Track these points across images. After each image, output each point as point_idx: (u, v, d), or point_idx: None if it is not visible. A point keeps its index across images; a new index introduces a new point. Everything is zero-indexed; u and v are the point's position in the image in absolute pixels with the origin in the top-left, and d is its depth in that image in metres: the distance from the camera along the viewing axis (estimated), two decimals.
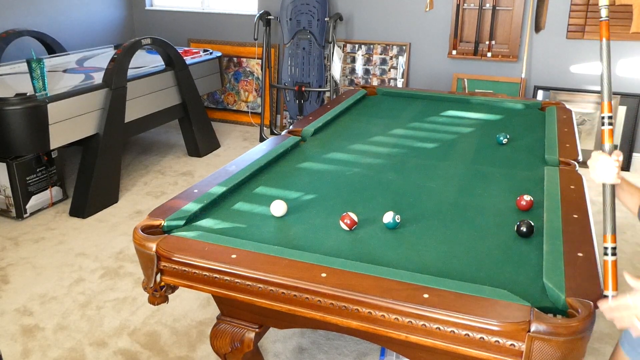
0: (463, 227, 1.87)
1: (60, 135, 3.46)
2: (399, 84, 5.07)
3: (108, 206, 3.83)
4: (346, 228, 1.82)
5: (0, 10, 4.56)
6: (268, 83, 5.36)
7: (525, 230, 1.77)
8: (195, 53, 5.02)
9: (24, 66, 3.99)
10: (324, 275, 1.50)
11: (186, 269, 1.62)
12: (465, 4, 4.72)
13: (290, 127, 2.85)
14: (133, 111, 4.02)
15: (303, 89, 5.01)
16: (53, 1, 5.04)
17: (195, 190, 2.04)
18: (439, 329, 1.36)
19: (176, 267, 1.64)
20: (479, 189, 2.20)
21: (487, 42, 4.70)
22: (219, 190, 2.05)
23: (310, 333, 2.53)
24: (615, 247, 1.42)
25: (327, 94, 5.08)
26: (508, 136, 2.74)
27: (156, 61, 4.48)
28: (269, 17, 5.06)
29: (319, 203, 2.05)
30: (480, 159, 2.54)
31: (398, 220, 1.83)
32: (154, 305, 1.76)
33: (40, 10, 4.91)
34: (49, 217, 3.68)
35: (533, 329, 1.27)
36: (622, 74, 4.46)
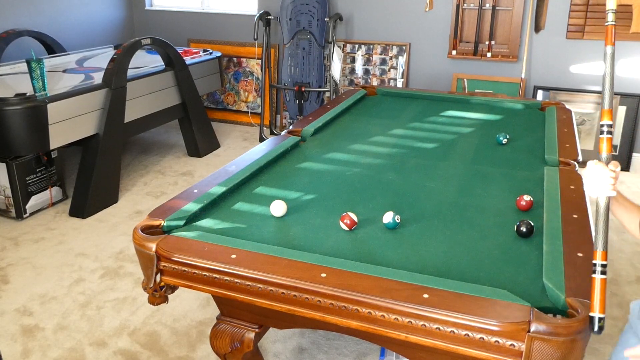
0: (463, 227, 1.87)
1: (60, 135, 3.46)
2: (399, 84, 5.07)
3: (108, 206, 3.83)
4: (346, 228, 1.82)
5: (0, 10, 4.56)
6: (268, 83, 5.36)
7: (525, 230, 1.77)
8: (195, 53, 5.02)
9: (24, 66, 3.99)
10: (323, 275, 1.50)
11: (186, 269, 1.62)
12: (465, 4, 4.72)
13: (290, 127, 2.85)
14: (133, 111, 4.02)
15: (303, 89, 5.01)
16: (53, 1, 5.04)
17: (195, 190, 2.04)
18: (439, 329, 1.36)
19: (176, 267, 1.64)
20: (479, 189, 2.20)
21: (487, 42, 4.70)
22: (219, 190, 2.05)
23: (310, 333, 2.53)
24: (605, 265, 1.32)
25: (327, 94, 5.07)
26: (508, 136, 2.74)
27: (156, 61, 4.48)
28: (268, 17, 5.06)
29: (318, 203, 2.05)
30: (480, 159, 2.54)
31: (398, 221, 1.83)
32: (154, 305, 1.77)
33: (40, 10, 4.91)
34: (49, 217, 3.68)
35: (533, 329, 1.28)
36: (622, 74, 4.46)
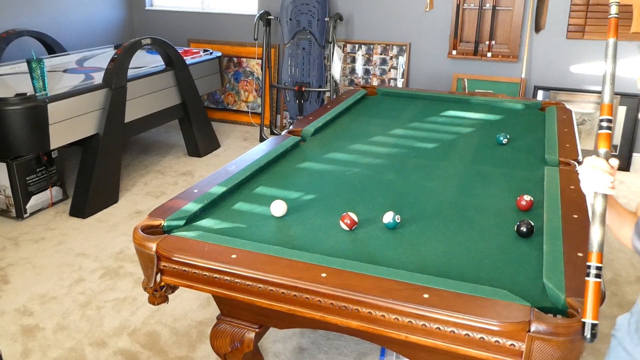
0: (463, 227, 1.87)
1: (60, 135, 3.46)
2: (399, 84, 5.07)
3: (108, 206, 3.83)
4: (346, 228, 1.82)
5: (0, 10, 4.56)
6: (268, 83, 5.36)
7: (525, 230, 1.77)
8: (195, 53, 5.02)
9: (24, 66, 3.99)
10: (324, 275, 1.50)
11: (186, 269, 1.62)
12: (465, 4, 4.72)
13: (290, 127, 2.85)
14: (133, 111, 4.02)
15: (303, 89, 5.01)
16: (53, 1, 5.04)
17: (195, 190, 2.04)
18: (439, 329, 1.36)
19: (176, 267, 1.64)
20: (479, 189, 2.20)
21: (487, 42, 4.70)
22: (219, 190, 2.05)
23: (310, 333, 2.53)
24: (600, 267, 1.22)
25: (327, 94, 5.07)
26: (508, 136, 2.74)
27: (156, 61, 4.48)
28: (269, 17, 5.06)
29: (319, 203, 2.05)
30: (480, 159, 2.54)
31: (398, 220, 1.83)
32: (154, 305, 1.77)
33: (40, 10, 4.91)
34: (49, 217, 3.68)
35: (533, 329, 1.28)
36: (622, 74, 4.46)
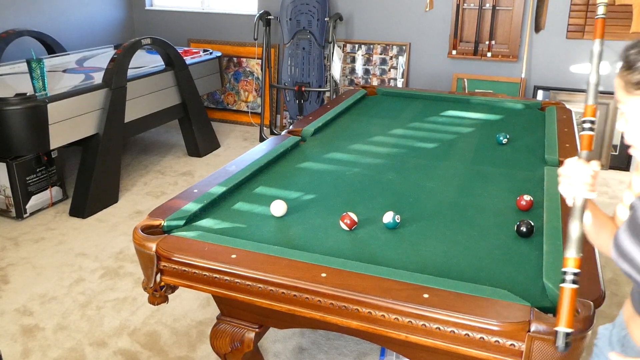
0: (463, 227, 1.87)
1: (60, 135, 3.46)
2: (399, 84, 5.07)
3: (108, 206, 3.83)
4: (346, 228, 1.82)
5: (0, 10, 4.56)
6: (268, 83, 5.36)
7: (525, 230, 1.77)
8: (195, 53, 5.02)
9: (24, 66, 3.99)
10: (323, 275, 1.50)
11: (186, 269, 1.62)
12: (465, 4, 4.72)
13: (290, 127, 2.85)
14: (133, 111, 4.02)
15: (303, 89, 5.01)
16: (53, 1, 5.04)
17: (195, 190, 2.04)
18: (439, 329, 1.36)
19: (176, 267, 1.64)
20: (478, 189, 2.20)
21: (487, 42, 4.70)
22: (219, 190, 2.05)
23: (310, 333, 2.53)
24: (578, 274, 1.19)
25: (327, 94, 5.07)
26: (508, 136, 2.74)
27: (156, 61, 4.48)
28: (269, 17, 5.06)
29: (319, 203, 2.05)
30: (480, 159, 2.54)
31: (398, 220, 1.83)
32: (154, 305, 1.77)
33: (40, 10, 4.91)
34: (49, 217, 3.68)
35: (533, 329, 1.28)
36: None
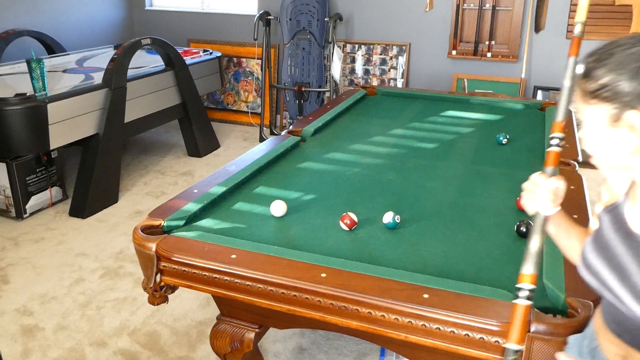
0: (463, 227, 1.87)
1: (60, 135, 3.46)
2: (399, 84, 5.07)
3: (108, 206, 3.83)
4: (346, 228, 1.82)
5: (0, 10, 4.56)
6: (268, 83, 5.36)
7: (525, 230, 1.77)
8: (195, 53, 5.02)
9: (24, 66, 3.99)
10: (323, 275, 1.50)
11: (186, 269, 1.62)
12: (465, 4, 4.72)
13: (290, 127, 2.85)
14: (133, 111, 4.02)
15: (303, 89, 5.01)
16: (53, 1, 5.03)
17: (195, 190, 2.04)
18: (439, 329, 1.36)
19: (176, 267, 1.64)
20: (478, 189, 2.20)
21: (487, 42, 4.70)
22: (219, 190, 2.05)
23: (310, 333, 2.53)
24: (533, 290, 1.16)
25: (327, 94, 5.07)
26: (508, 136, 2.74)
27: (156, 61, 4.48)
28: (268, 17, 5.06)
29: (318, 203, 2.05)
30: (480, 159, 2.54)
31: (398, 221, 1.83)
32: (154, 305, 1.77)
33: (40, 10, 4.91)
34: (49, 217, 3.68)
35: (533, 329, 1.28)
36: None
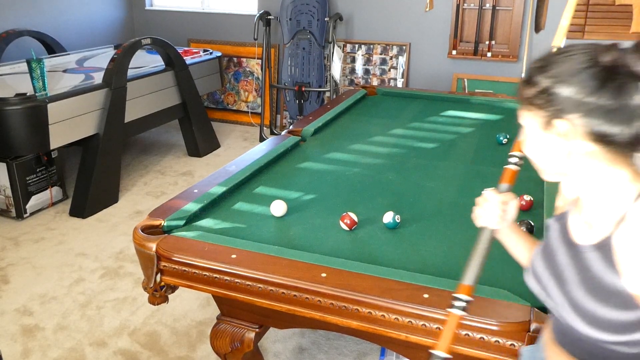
0: (463, 227, 1.87)
1: (60, 135, 3.46)
2: (399, 84, 5.07)
3: (108, 206, 3.83)
4: (346, 228, 1.82)
5: (0, 10, 4.56)
6: (268, 83, 5.36)
7: (525, 230, 1.77)
8: (195, 53, 5.02)
9: (24, 66, 3.99)
10: (324, 275, 1.50)
11: (186, 269, 1.63)
12: (465, 4, 4.71)
13: (290, 127, 2.85)
14: (133, 111, 4.02)
15: (303, 89, 5.01)
16: (53, 1, 5.03)
17: (195, 190, 2.04)
18: (439, 329, 1.36)
19: (176, 267, 1.64)
20: (479, 189, 2.19)
21: (487, 42, 4.70)
22: (219, 190, 2.05)
23: (310, 333, 2.53)
24: (468, 302, 1.17)
25: (327, 94, 5.07)
26: (508, 136, 2.74)
27: (156, 61, 4.48)
28: (269, 17, 5.06)
29: (319, 203, 2.05)
30: (480, 159, 2.54)
31: (398, 220, 1.83)
32: (154, 305, 1.77)
33: (40, 10, 4.91)
34: (49, 217, 3.68)
35: (533, 329, 1.28)
36: None
